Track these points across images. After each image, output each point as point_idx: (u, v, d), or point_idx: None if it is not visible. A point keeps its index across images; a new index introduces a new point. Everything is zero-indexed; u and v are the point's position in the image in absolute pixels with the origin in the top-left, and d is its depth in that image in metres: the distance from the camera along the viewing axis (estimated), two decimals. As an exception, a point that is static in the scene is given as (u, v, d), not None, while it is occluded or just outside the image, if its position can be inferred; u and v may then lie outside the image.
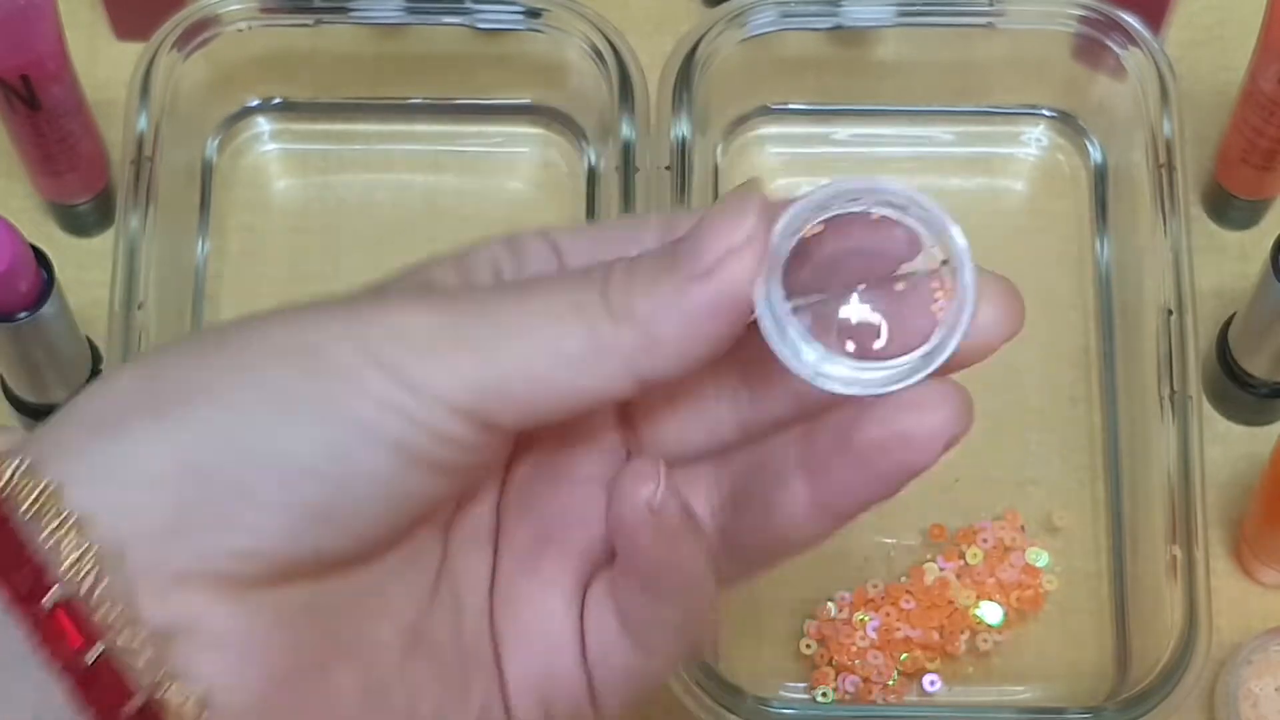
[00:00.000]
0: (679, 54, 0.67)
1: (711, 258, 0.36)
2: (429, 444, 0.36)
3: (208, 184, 0.71)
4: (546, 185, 0.72)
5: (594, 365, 0.36)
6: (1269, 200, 0.70)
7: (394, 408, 0.35)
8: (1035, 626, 0.65)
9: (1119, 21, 0.68)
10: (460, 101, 0.72)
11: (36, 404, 0.66)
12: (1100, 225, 0.71)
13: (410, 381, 0.36)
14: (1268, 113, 0.65)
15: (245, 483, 0.35)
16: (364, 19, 0.69)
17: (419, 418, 0.36)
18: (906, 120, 0.72)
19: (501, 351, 0.36)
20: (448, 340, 0.36)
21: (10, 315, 0.61)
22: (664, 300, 0.36)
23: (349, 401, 0.35)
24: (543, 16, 0.69)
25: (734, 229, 0.36)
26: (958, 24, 0.69)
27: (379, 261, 0.70)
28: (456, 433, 0.36)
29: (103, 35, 0.73)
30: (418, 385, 0.36)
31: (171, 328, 0.67)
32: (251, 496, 0.35)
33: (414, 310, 0.37)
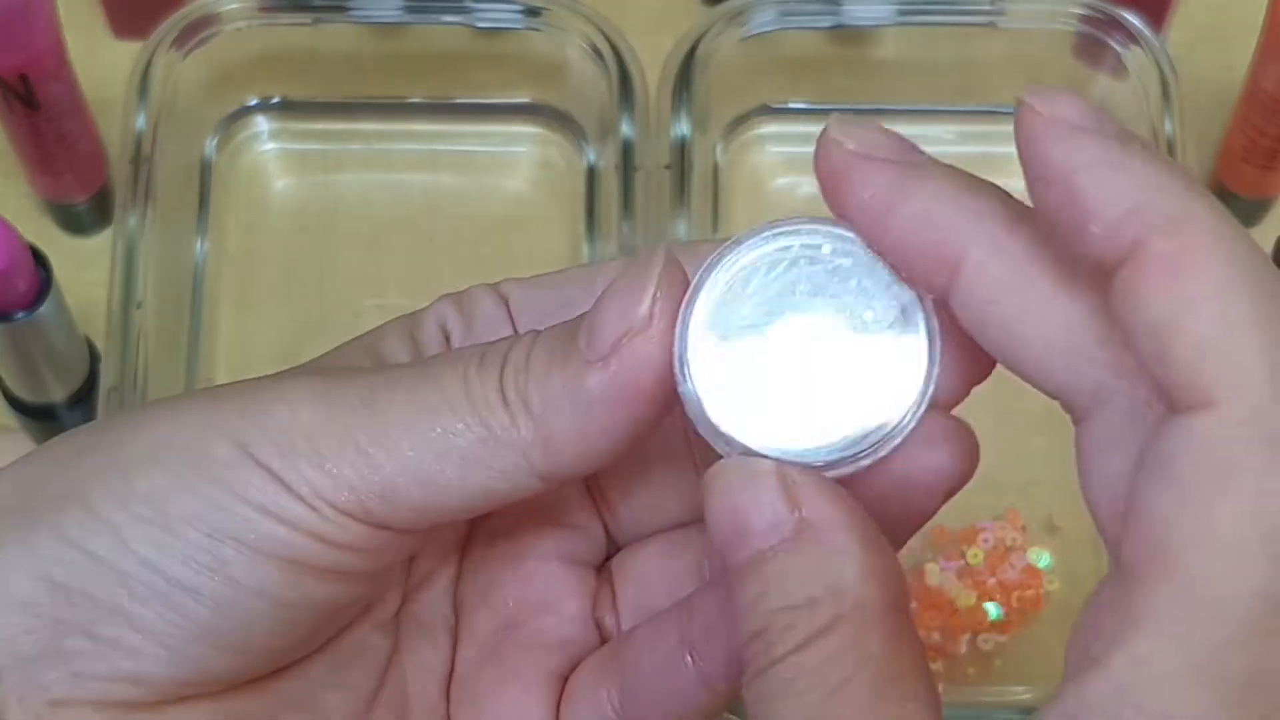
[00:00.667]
0: (679, 53, 0.67)
1: (608, 341, 0.32)
2: (318, 551, 0.33)
3: (206, 183, 0.71)
4: (546, 185, 0.72)
5: (488, 463, 0.33)
6: (1270, 200, 0.70)
7: (275, 514, 0.33)
8: (1037, 627, 0.65)
9: (1120, 20, 0.68)
10: (459, 101, 0.72)
11: (35, 404, 0.66)
12: (1101, 225, 0.71)
13: (291, 485, 0.33)
14: (1269, 112, 0.65)
15: (120, 603, 0.33)
16: (363, 18, 0.69)
17: (304, 524, 0.33)
18: (907, 120, 0.72)
19: (387, 449, 0.33)
20: (331, 438, 0.33)
21: (8, 315, 0.61)
22: (558, 390, 0.33)
23: (228, 509, 0.33)
24: (542, 15, 0.68)
25: (632, 306, 0.32)
26: (958, 23, 0.69)
27: (378, 261, 0.71)
28: (346, 538, 0.33)
29: (101, 34, 0.73)
30: (300, 490, 0.33)
31: (170, 327, 0.67)
32: (128, 617, 0.33)
33: (299, 404, 0.33)
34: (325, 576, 0.34)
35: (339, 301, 0.70)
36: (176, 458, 0.33)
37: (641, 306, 0.32)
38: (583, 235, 0.70)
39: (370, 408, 0.33)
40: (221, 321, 0.69)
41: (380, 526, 0.33)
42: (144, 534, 0.33)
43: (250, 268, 0.70)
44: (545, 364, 0.33)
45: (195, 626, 0.33)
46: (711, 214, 0.69)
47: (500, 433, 0.33)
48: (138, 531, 0.33)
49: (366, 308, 0.69)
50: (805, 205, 0.71)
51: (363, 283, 0.70)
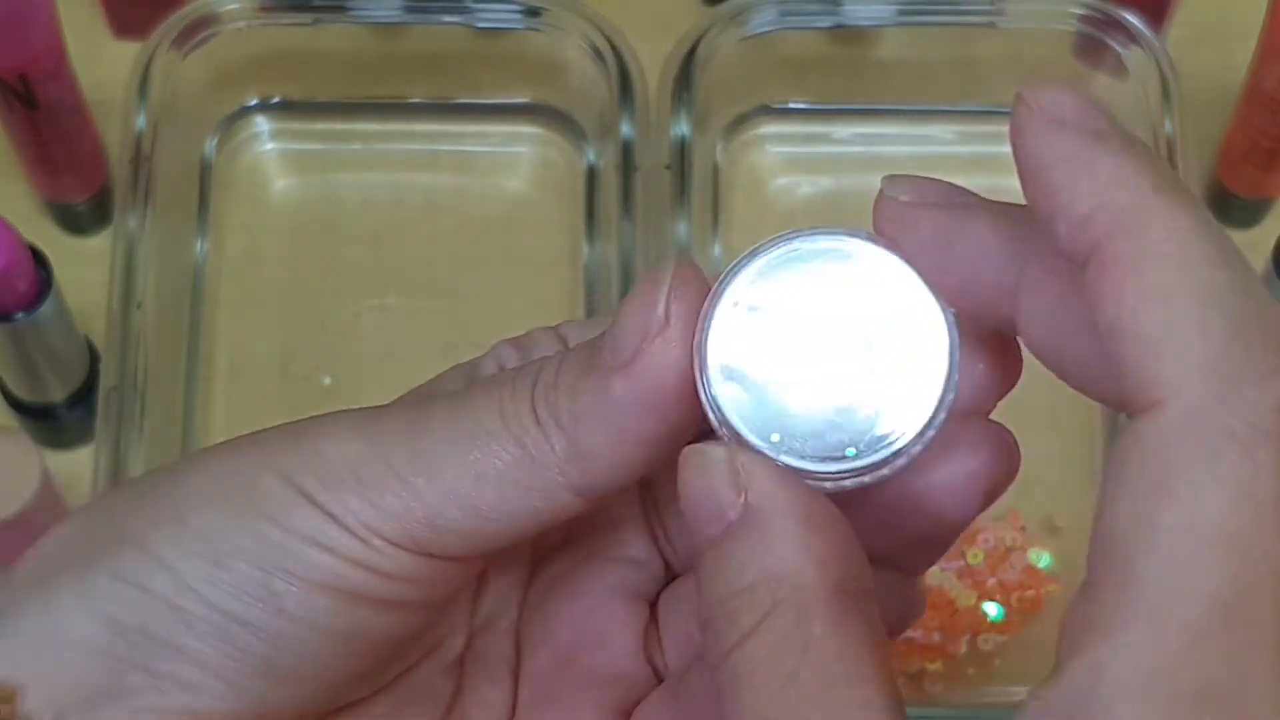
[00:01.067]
0: (679, 53, 0.67)
1: (629, 348, 0.33)
2: (367, 581, 0.33)
3: (206, 183, 0.71)
4: (546, 185, 0.72)
5: (526, 482, 0.33)
6: (1271, 199, 0.70)
7: (323, 545, 0.33)
8: (1036, 627, 0.65)
9: (1120, 20, 0.68)
10: (459, 101, 0.72)
11: (34, 404, 0.66)
12: (1101, 225, 0.71)
13: (339, 517, 0.33)
14: (1269, 112, 0.65)
15: (178, 639, 0.33)
16: (363, 18, 0.69)
17: (352, 555, 0.33)
18: (907, 120, 0.72)
19: (427, 476, 0.33)
20: (374, 469, 0.33)
21: (8, 315, 0.61)
22: (587, 402, 0.33)
23: (277, 542, 0.33)
24: (542, 15, 0.68)
25: (648, 309, 0.33)
26: (959, 23, 0.69)
27: (378, 261, 0.70)
28: (396, 567, 0.34)
29: (101, 34, 0.73)
30: (346, 521, 0.33)
31: (169, 327, 0.67)
32: (185, 652, 0.33)
33: (342, 438, 0.34)
34: (377, 607, 0.34)
35: (339, 301, 0.70)
36: (225, 495, 0.34)
37: (658, 309, 0.32)
38: (583, 235, 0.70)
39: (410, 438, 0.34)
40: (221, 321, 0.69)
41: (428, 555, 0.34)
42: (197, 569, 0.33)
43: (250, 268, 0.70)
44: (573, 378, 0.33)
45: (251, 659, 0.33)
46: (711, 214, 0.69)
47: (535, 451, 0.33)
48: (191, 567, 0.33)
49: (366, 308, 0.70)
50: (805, 205, 0.71)
51: (363, 283, 0.70)
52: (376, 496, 0.33)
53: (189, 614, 0.33)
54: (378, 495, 0.33)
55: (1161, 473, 0.27)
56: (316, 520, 0.33)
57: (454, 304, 0.69)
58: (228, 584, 0.33)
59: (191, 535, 0.33)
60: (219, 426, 0.68)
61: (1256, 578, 0.27)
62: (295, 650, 0.33)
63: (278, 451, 0.34)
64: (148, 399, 0.63)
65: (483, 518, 0.33)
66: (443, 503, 0.33)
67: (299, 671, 0.34)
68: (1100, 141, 0.29)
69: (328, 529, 0.33)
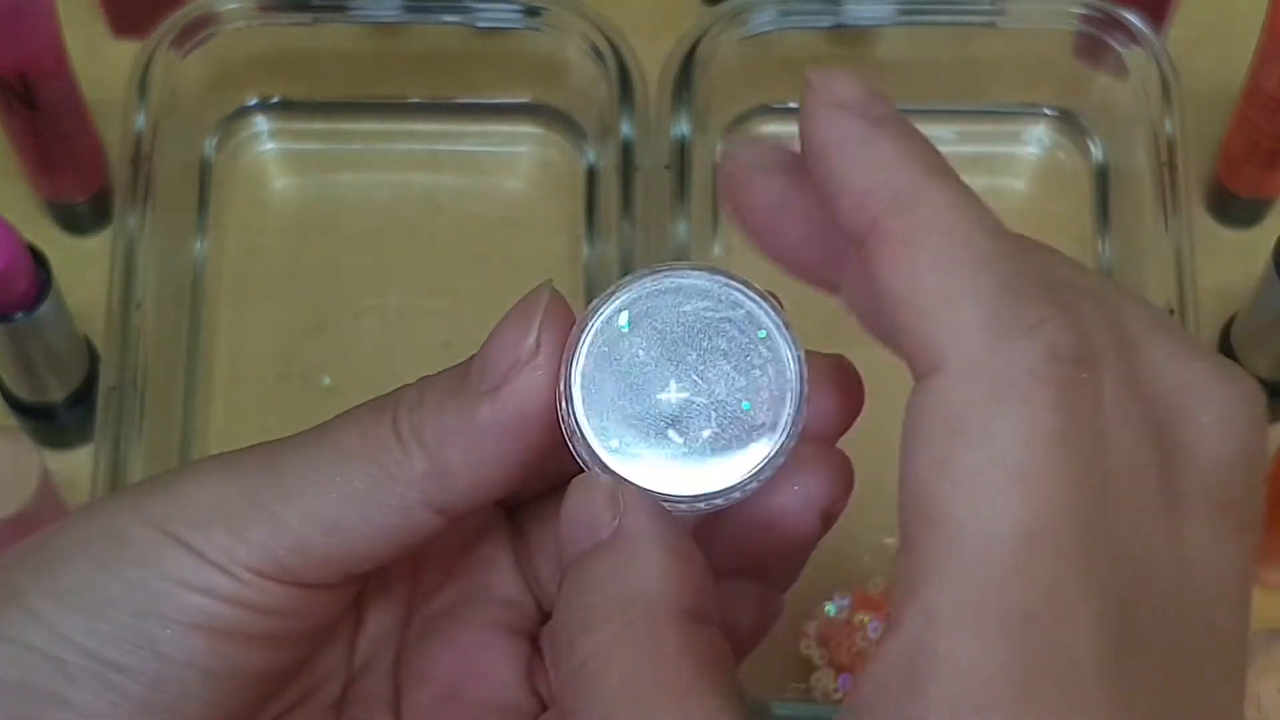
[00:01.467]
0: (679, 53, 0.67)
1: (499, 372, 0.34)
2: (241, 617, 0.35)
3: (206, 183, 0.71)
4: (546, 184, 0.72)
5: (386, 501, 0.34)
6: (1271, 199, 0.70)
7: (196, 586, 0.34)
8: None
9: (1120, 20, 0.68)
10: (459, 100, 0.72)
11: (34, 404, 0.66)
12: (1102, 224, 0.71)
13: (208, 555, 0.34)
14: (1270, 112, 0.65)
15: (59, 689, 0.34)
16: (362, 18, 0.69)
17: (223, 592, 0.34)
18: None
19: (291, 506, 0.34)
20: (238, 504, 0.35)
21: (8, 315, 0.61)
22: (452, 423, 0.34)
23: (150, 587, 0.34)
24: (542, 15, 0.68)
25: (519, 338, 0.34)
26: (959, 23, 0.69)
27: (378, 261, 0.70)
28: (267, 600, 0.35)
29: (100, 34, 0.73)
30: (215, 558, 0.34)
31: (169, 327, 0.67)
32: (68, 703, 0.34)
33: (206, 480, 0.35)
34: (252, 643, 0.35)
35: (339, 301, 0.70)
36: (98, 546, 0.35)
37: (529, 338, 0.34)
38: (583, 235, 0.70)
39: (272, 470, 0.35)
40: (221, 321, 0.69)
41: (298, 584, 0.35)
42: (73, 621, 0.34)
43: (250, 267, 0.70)
44: (438, 400, 0.35)
45: (132, 703, 0.34)
46: (711, 214, 0.69)
47: (395, 469, 0.35)
48: (67, 620, 0.34)
49: (366, 308, 0.69)
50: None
51: (363, 283, 0.70)
52: (242, 530, 0.34)
53: (69, 665, 0.34)
54: (243, 529, 0.34)
55: (954, 422, 0.29)
56: (186, 561, 0.34)
57: (454, 304, 0.69)
58: (104, 633, 0.34)
59: (66, 589, 0.35)
60: (219, 426, 0.68)
61: (1055, 507, 0.29)
62: (175, 691, 0.34)
63: (145, 500, 0.35)
64: (147, 399, 0.63)
65: (346, 540, 0.35)
66: (305, 528, 0.34)
67: (180, 713, 0.35)
68: (879, 126, 0.32)
69: (198, 568, 0.34)
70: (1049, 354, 0.29)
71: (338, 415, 0.36)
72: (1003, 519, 0.29)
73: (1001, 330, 0.29)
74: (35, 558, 0.35)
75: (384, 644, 0.39)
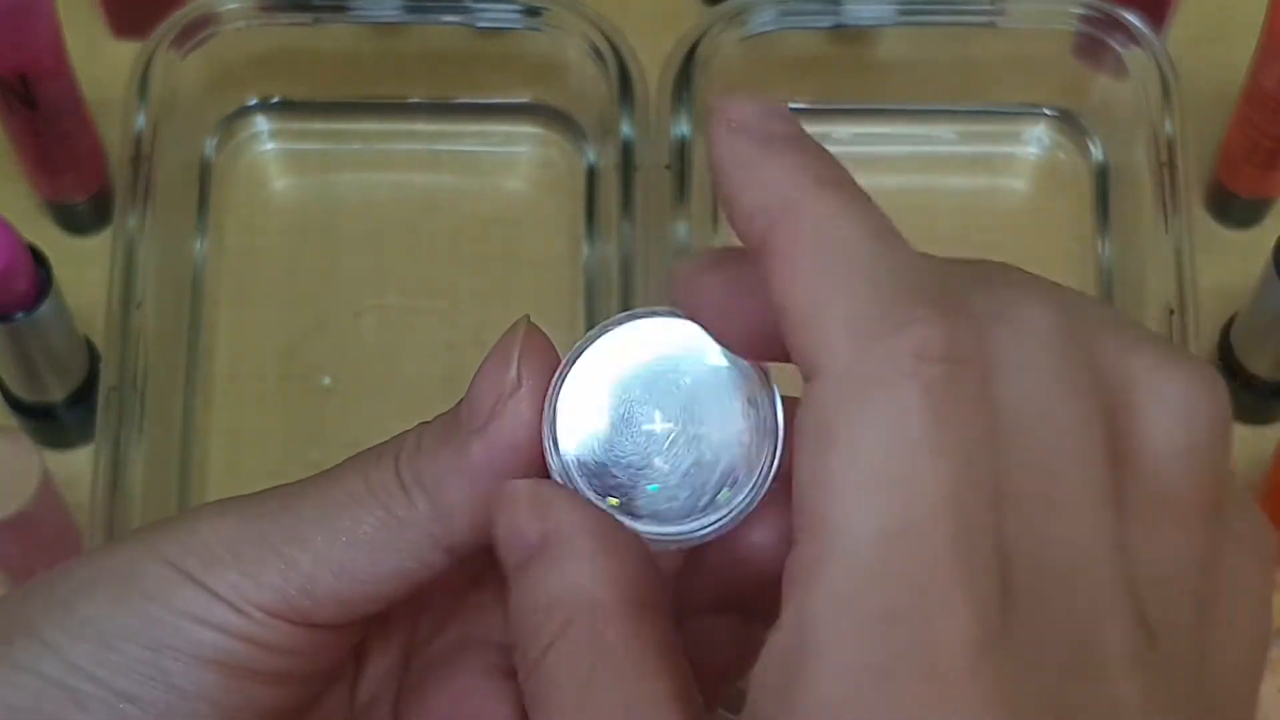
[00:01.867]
0: (679, 53, 0.67)
1: (485, 409, 0.35)
2: (251, 654, 0.35)
3: (206, 183, 0.71)
4: (546, 185, 0.72)
5: (395, 545, 0.36)
6: (1271, 199, 0.70)
7: (206, 622, 0.35)
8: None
9: (1120, 20, 0.68)
10: (459, 100, 0.72)
11: (34, 404, 0.66)
12: (1102, 225, 0.71)
13: (220, 593, 0.35)
14: (1270, 112, 0.65)
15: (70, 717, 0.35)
16: (363, 18, 0.69)
17: (235, 629, 0.35)
18: (907, 119, 0.72)
19: (302, 549, 0.36)
20: (251, 546, 0.36)
21: (8, 315, 0.61)
22: (448, 464, 0.35)
23: (163, 621, 0.35)
24: (542, 15, 0.68)
25: (500, 373, 0.35)
26: (959, 23, 0.69)
27: (378, 261, 0.70)
28: (277, 639, 0.36)
29: (100, 34, 0.73)
30: (227, 596, 0.35)
31: (169, 327, 0.67)
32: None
33: (219, 519, 0.36)
34: (261, 679, 0.36)
35: (339, 301, 0.70)
36: (113, 581, 0.36)
37: (509, 372, 0.35)
38: (583, 235, 0.70)
39: (284, 513, 0.36)
40: (221, 321, 0.69)
41: (308, 624, 0.36)
42: (87, 651, 0.35)
43: (250, 267, 0.70)
44: (434, 443, 0.36)
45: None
46: (711, 214, 0.69)
47: (401, 513, 0.36)
48: (80, 650, 0.35)
49: (366, 308, 0.70)
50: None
51: (363, 283, 0.70)
52: (254, 571, 0.35)
53: (81, 693, 0.35)
54: (255, 569, 0.35)
55: (825, 426, 0.30)
56: (199, 598, 0.35)
57: (454, 304, 0.69)
58: (116, 664, 0.35)
59: (79, 621, 0.35)
60: (219, 426, 0.68)
61: (920, 507, 0.29)
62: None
63: (159, 539, 0.36)
64: (148, 399, 0.63)
65: (356, 581, 0.36)
66: (317, 570, 0.35)
67: None
68: (767, 144, 0.32)
69: (210, 605, 0.35)
70: (916, 353, 0.29)
71: (345, 460, 0.37)
72: (870, 521, 0.29)
73: (868, 333, 0.30)
74: (48, 592, 0.36)
75: (385, 686, 0.40)
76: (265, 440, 0.68)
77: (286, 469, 0.67)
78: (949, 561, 0.29)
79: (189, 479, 0.67)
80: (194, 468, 0.67)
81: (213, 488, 0.67)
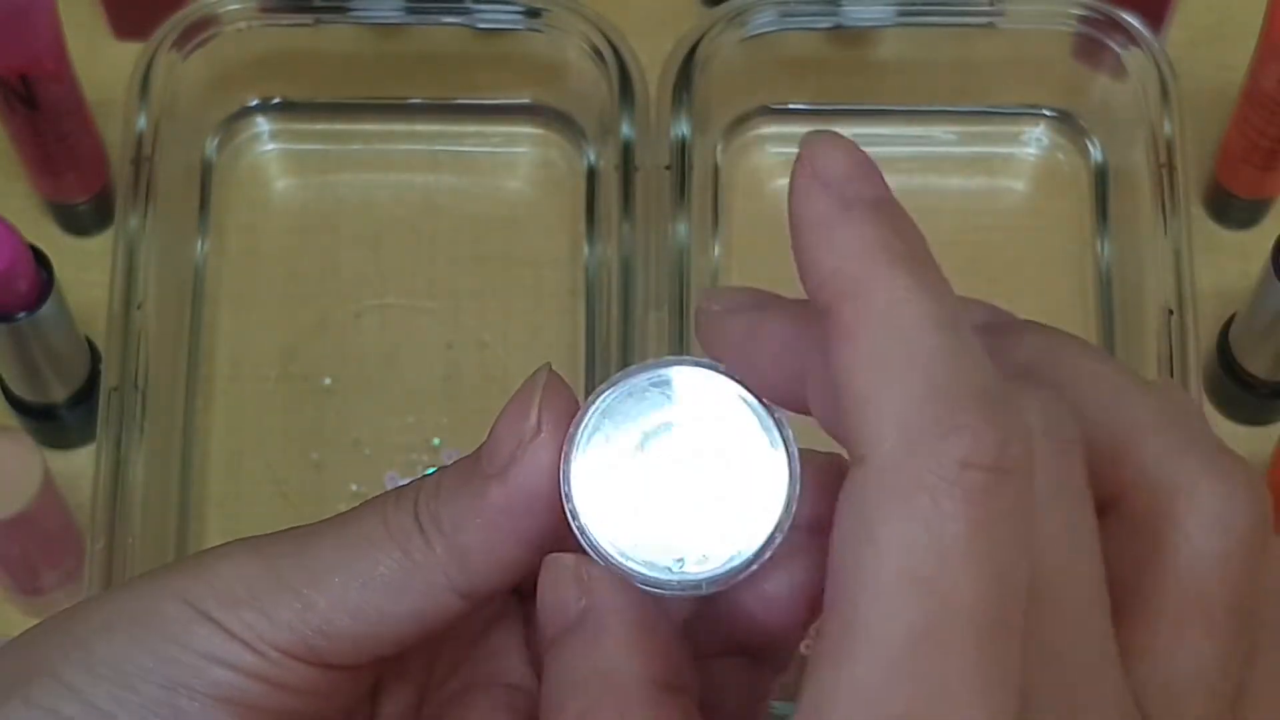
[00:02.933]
0: (679, 54, 0.67)
1: (505, 454, 0.35)
2: (267, 693, 0.36)
3: (207, 184, 0.71)
4: (546, 185, 0.72)
5: (409, 587, 0.36)
6: (1270, 200, 0.70)
7: (223, 661, 0.35)
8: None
9: (1119, 21, 0.68)
10: (459, 101, 0.72)
11: (36, 404, 0.66)
12: (1101, 225, 0.71)
13: (236, 632, 0.36)
14: (1269, 113, 0.65)
15: None
16: (363, 19, 0.69)
17: (251, 669, 0.35)
18: (906, 120, 0.72)
19: (319, 588, 0.36)
20: (267, 586, 0.36)
21: (9, 315, 0.61)
22: (466, 507, 0.36)
23: (179, 661, 0.35)
24: (542, 16, 0.68)
25: (521, 419, 0.36)
26: (958, 24, 0.69)
27: (378, 261, 0.71)
28: (292, 679, 0.36)
29: (102, 35, 0.73)
30: (244, 635, 0.35)
31: (170, 327, 0.67)
32: None
33: (236, 559, 0.36)
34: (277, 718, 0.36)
35: (339, 301, 0.70)
36: (130, 621, 0.36)
37: (531, 418, 0.35)
38: (583, 235, 0.70)
39: (302, 554, 0.36)
40: (221, 321, 0.69)
41: (323, 665, 0.36)
42: (106, 692, 0.35)
43: (250, 268, 0.70)
44: (453, 487, 0.36)
45: None
46: (711, 214, 0.70)
47: (418, 556, 0.36)
48: (100, 690, 0.35)
49: (366, 308, 0.70)
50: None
51: (363, 283, 0.70)
52: (271, 610, 0.36)
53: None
54: (272, 609, 0.36)
55: (864, 520, 0.30)
56: (215, 637, 0.35)
57: (454, 304, 0.70)
58: (135, 703, 0.35)
59: (98, 661, 0.36)
60: (219, 426, 0.68)
61: (949, 613, 0.29)
62: None
63: (176, 578, 0.36)
64: (148, 399, 0.63)
65: (372, 623, 0.36)
66: (333, 611, 0.36)
67: None
68: (849, 209, 0.32)
69: (227, 645, 0.35)
70: (962, 460, 0.29)
71: (363, 502, 0.37)
72: (898, 621, 0.29)
73: (918, 432, 0.30)
74: (65, 631, 0.37)
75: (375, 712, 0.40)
76: (265, 440, 0.68)
77: (286, 469, 0.67)
78: (970, 671, 0.29)
79: (189, 479, 0.67)
80: (194, 468, 0.67)
81: (213, 488, 0.67)
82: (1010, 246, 0.70)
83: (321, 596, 0.36)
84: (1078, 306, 0.70)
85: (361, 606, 0.36)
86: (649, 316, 0.64)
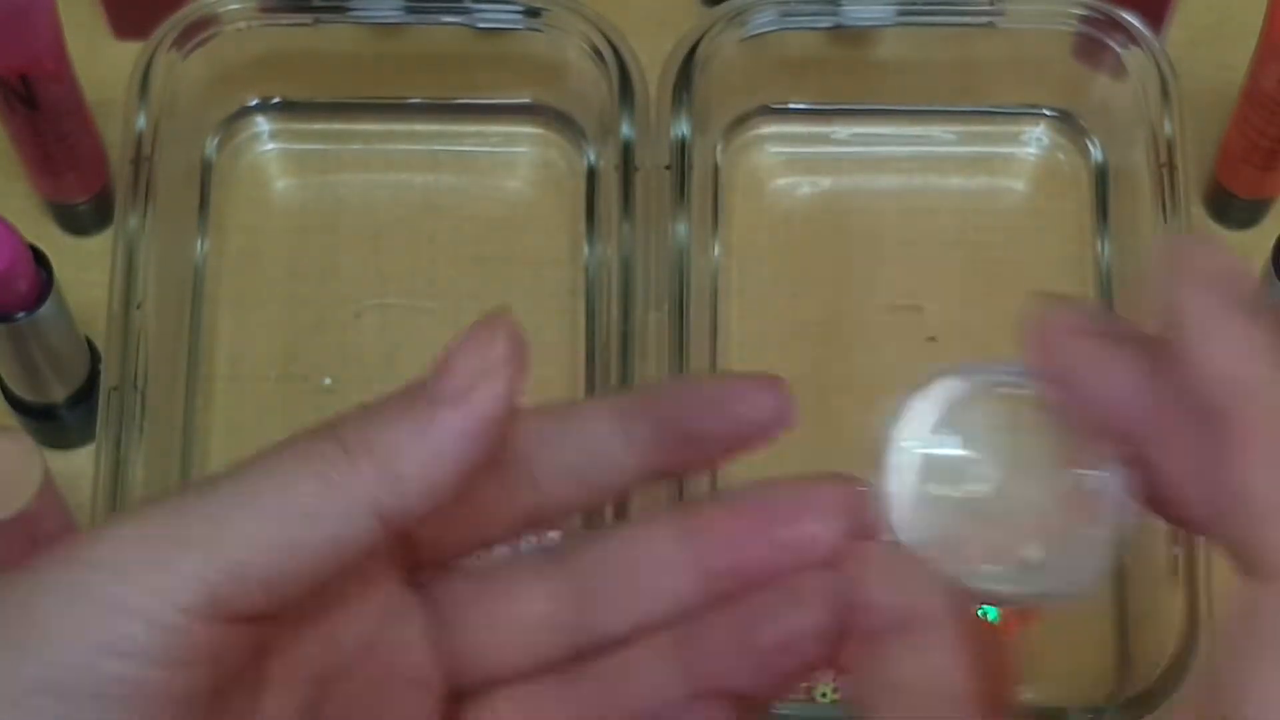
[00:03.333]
0: (679, 54, 0.67)
1: (462, 383, 0.36)
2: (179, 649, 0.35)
3: (207, 183, 0.71)
4: (546, 185, 0.72)
5: (326, 512, 0.35)
6: (1270, 200, 0.70)
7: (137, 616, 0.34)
8: (1036, 627, 0.65)
9: (1119, 21, 0.68)
10: (459, 101, 0.72)
11: (35, 404, 0.66)
12: (1101, 225, 0.71)
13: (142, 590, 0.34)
14: (1269, 112, 0.65)
15: None
16: (363, 18, 0.69)
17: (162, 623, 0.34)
18: (906, 120, 0.72)
19: (226, 534, 0.35)
20: (166, 543, 0.35)
21: (9, 315, 0.61)
22: (408, 431, 0.36)
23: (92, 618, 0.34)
24: (542, 16, 0.68)
25: (486, 351, 0.37)
26: (958, 23, 0.69)
27: (378, 261, 0.71)
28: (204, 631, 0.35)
29: (101, 35, 0.73)
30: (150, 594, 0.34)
31: (170, 327, 0.67)
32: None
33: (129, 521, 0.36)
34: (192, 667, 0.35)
35: (339, 301, 0.70)
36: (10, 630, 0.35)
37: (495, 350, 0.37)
38: (583, 235, 0.70)
39: (210, 496, 0.36)
40: (221, 321, 0.69)
41: (231, 618, 0.35)
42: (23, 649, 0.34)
43: (250, 268, 0.70)
44: (390, 415, 0.36)
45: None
46: (711, 214, 0.69)
47: (337, 478, 0.35)
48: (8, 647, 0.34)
49: (366, 308, 0.70)
50: (805, 205, 0.71)
51: (363, 283, 0.70)
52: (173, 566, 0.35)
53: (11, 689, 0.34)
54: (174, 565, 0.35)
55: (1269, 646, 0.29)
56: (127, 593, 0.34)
57: (454, 304, 0.69)
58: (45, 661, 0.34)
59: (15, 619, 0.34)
60: (219, 426, 0.68)
61: None
62: None
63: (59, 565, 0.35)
64: (148, 399, 0.63)
65: (284, 556, 0.35)
66: (244, 554, 0.35)
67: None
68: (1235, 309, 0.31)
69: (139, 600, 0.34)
70: None
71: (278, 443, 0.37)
72: None
73: None
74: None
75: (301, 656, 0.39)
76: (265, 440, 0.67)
77: (287, 469, 0.67)
78: None
79: (189, 479, 0.67)
80: (194, 468, 0.67)
81: (213, 487, 0.67)
82: (1010, 246, 0.70)
83: (230, 541, 0.35)
84: (1078, 306, 0.70)
85: (274, 539, 0.35)
86: (649, 316, 0.64)
